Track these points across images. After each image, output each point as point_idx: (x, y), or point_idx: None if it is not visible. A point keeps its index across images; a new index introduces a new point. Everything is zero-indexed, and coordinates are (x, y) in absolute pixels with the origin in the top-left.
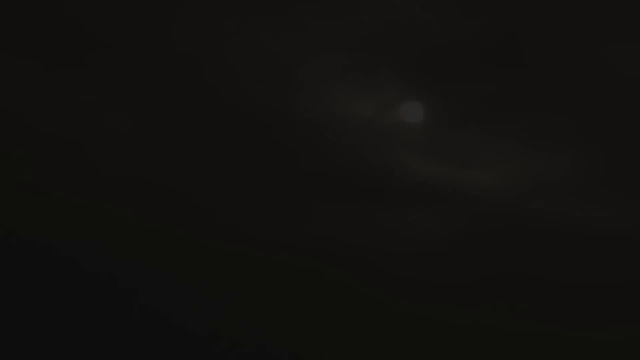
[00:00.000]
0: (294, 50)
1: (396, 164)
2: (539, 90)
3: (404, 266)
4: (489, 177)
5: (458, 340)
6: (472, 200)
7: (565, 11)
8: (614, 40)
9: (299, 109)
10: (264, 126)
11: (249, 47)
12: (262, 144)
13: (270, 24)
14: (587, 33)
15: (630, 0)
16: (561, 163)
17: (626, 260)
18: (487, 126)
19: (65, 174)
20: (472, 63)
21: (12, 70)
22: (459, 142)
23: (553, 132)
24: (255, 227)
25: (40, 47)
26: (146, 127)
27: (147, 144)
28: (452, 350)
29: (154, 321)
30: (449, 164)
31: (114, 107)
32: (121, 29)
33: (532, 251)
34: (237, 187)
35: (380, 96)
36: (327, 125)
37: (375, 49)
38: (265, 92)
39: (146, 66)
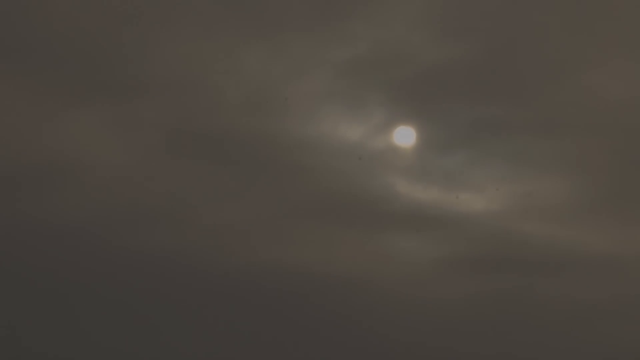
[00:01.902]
0: (276, 72)
1: (386, 188)
2: (525, 115)
3: (395, 285)
4: (478, 201)
5: (444, 352)
6: (462, 224)
7: (549, 39)
8: (595, 67)
9: (287, 133)
10: (249, 148)
11: (238, 72)
12: (251, 168)
13: (259, 49)
14: (570, 60)
15: (609, 28)
16: (551, 187)
17: (618, 280)
18: (476, 150)
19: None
20: (461, 87)
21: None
22: (449, 165)
23: (540, 156)
24: (246, 246)
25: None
26: (147, 152)
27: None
28: None
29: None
30: (439, 188)
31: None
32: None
33: (523, 273)
34: (228, 210)
35: (369, 120)
36: (313, 149)
37: (364, 73)
38: (249, 115)
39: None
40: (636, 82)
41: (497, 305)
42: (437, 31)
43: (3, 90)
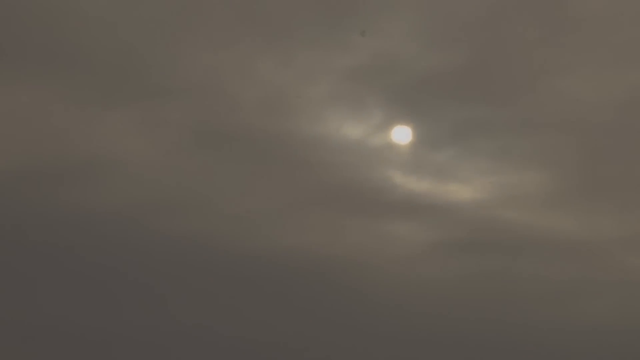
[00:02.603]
0: (286, 78)
1: (384, 180)
2: (506, 115)
3: (392, 266)
4: (466, 191)
5: (435, 326)
6: (452, 211)
7: (526, 49)
8: (566, 73)
9: (294, 131)
10: (264, 145)
11: (253, 78)
12: (265, 163)
13: (272, 58)
14: (544, 67)
15: (578, 39)
16: (530, 179)
17: (588, 262)
18: (465, 146)
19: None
20: (450, 90)
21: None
22: (439, 160)
23: (519, 152)
24: (261, 233)
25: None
26: (172, 148)
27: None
28: (431, 334)
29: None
30: (431, 180)
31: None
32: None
33: (505, 255)
34: (244, 201)
35: (369, 120)
36: (319, 145)
37: (364, 79)
38: (258, 116)
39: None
40: (602, 86)
41: (481, 282)
42: (428, 42)
43: (50, 96)
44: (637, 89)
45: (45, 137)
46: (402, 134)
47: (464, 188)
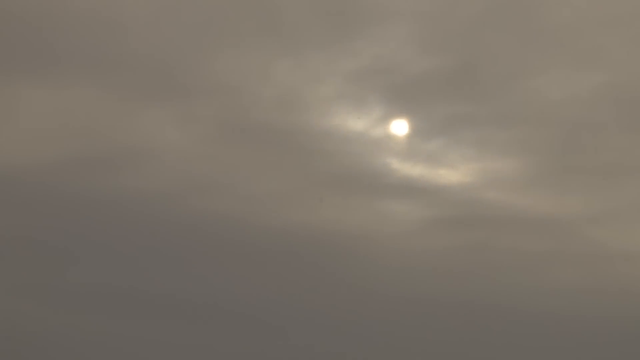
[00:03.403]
0: (300, 80)
1: (384, 166)
2: (488, 110)
3: (390, 240)
4: (454, 175)
5: (426, 290)
6: (441, 192)
7: (505, 53)
8: (539, 74)
9: (306, 125)
10: (277, 136)
11: (271, 79)
12: (281, 151)
13: (287, 62)
14: (521, 69)
15: (550, 44)
16: (508, 165)
17: (557, 235)
18: (452, 137)
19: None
20: (440, 89)
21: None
22: (431, 149)
23: (498, 142)
24: (278, 211)
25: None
26: (202, 139)
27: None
28: (423, 296)
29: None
30: (424, 166)
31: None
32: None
33: (486, 229)
34: (264, 183)
35: (370, 115)
36: (329, 137)
37: (366, 80)
38: (278, 112)
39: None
40: (568, 85)
41: (466, 253)
42: (421, 48)
43: (99, 95)
44: (598, 88)
45: (96, 130)
46: (399, 127)
47: (452, 173)
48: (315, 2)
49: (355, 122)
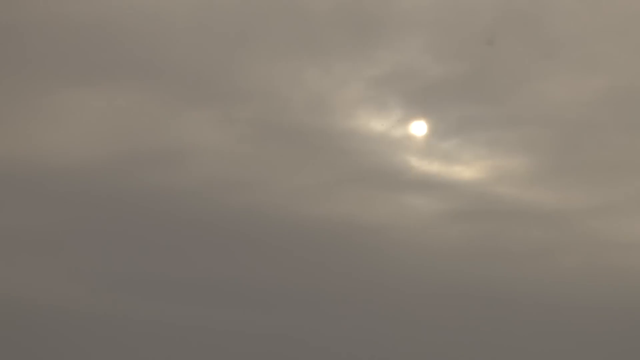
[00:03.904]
0: (328, 85)
1: (403, 163)
2: (499, 112)
3: (409, 230)
4: (467, 172)
5: (441, 276)
6: (456, 187)
7: (513, 60)
8: (545, 79)
9: (333, 126)
10: (308, 136)
11: (300, 85)
12: (310, 150)
13: (316, 69)
14: (528, 74)
15: (553, 51)
16: (516, 162)
17: (561, 226)
18: (466, 137)
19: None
20: (454, 93)
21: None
22: (446, 147)
23: (510, 141)
24: (308, 204)
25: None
26: (239, 139)
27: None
28: (438, 282)
29: None
30: (440, 163)
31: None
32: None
33: (497, 221)
34: (295, 179)
35: (391, 116)
36: (354, 137)
37: (387, 85)
38: (309, 114)
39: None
40: (572, 89)
41: (478, 242)
42: (437, 55)
43: (145, 98)
44: (598, 92)
45: (143, 131)
46: (417, 128)
47: (466, 169)
48: (341, 15)
49: (377, 123)
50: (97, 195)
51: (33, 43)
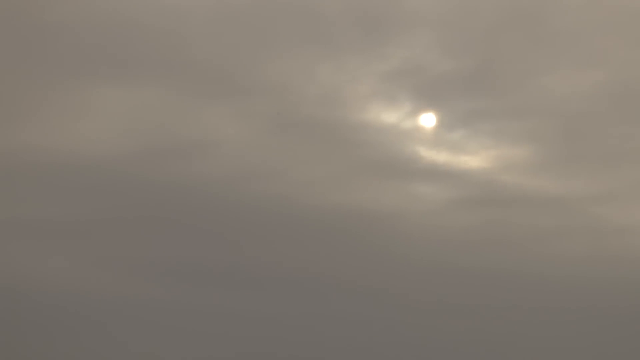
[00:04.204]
0: (341, 80)
1: (413, 153)
2: (504, 104)
3: (419, 217)
4: (473, 161)
5: (449, 259)
6: (463, 176)
7: (516, 55)
8: (549, 72)
9: (346, 119)
10: (322, 128)
11: (314, 80)
12: (324, 142)
13: (330, 64)
14: (532, 67)
15: (555, 47)
16: (520, 152)
17: (563, 212)
18: (472, 128)
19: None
20: (461, 87)
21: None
22: (454, 138)
23: (514, 132)
24: (323, 193)
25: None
26: (258, 132)
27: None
28: (446, 265)
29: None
30: (447, 153)
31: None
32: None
33: (502, 208)
34: (310, 169)
35: (401, 109)
36: (366, 129)
37: (398, 79)
38: (322, 108)
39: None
40: (573, 82)
41: (485, 229)
42: (444, 50)
43: (167, 93)
44: (597, 84)
45: (166, 124)
46: (426, 120)
47: (472, 159)
48: (353, 15)
49: (388, 116)
50: (124, 184)
51: (65, 43)
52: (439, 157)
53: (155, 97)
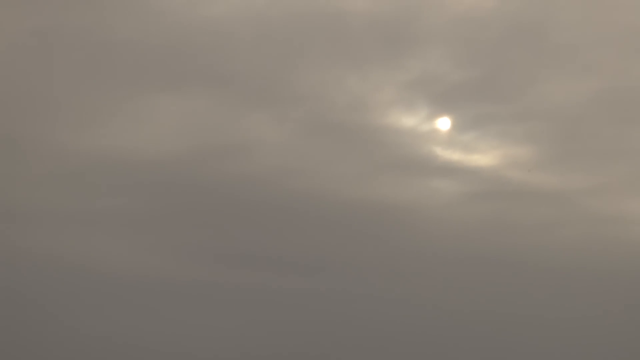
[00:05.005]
0: (366, 89)
1: (430, 152)
2: (509, 110)
3: (435, 208)
4: (483, 160)
5: (461, 245)
6: (474, 172)
7: (521, 64)
8: (548, 81)
9: (371, 123)
10: (350, 131)
11: (343, 89)
12: (352, 143)
13: (356, 75)
14: (533, 77)
15: (552, 58)
16: (524, 151)
17: (561, 204)
18: (481, 131)
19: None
20: (471, 94)
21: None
22: (466, 139)
23: (518, 134)
24: (350, 187)
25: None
26: (293, 134)
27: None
28: (459, 250)
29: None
30: (461, 152)
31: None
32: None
33: (507, 200)
34: (339, 167)
35: (420, 114)
36: (388, 131)
37: (415, 88)
38: (350, 113)
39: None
40: (570, 89)
41: (492, 218)
42: (456, 63)
43: (216, 102)
44: (591, 92)
45: (214, 128)
46: (441, 123)
47: (482, 157)
48: (376, 32)
49: (408, 120)
50: (180, 180)
51: (130, 61)
52: (453, 156)
53: (206, 106)
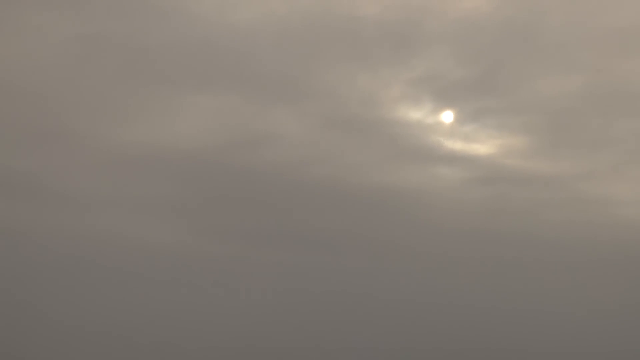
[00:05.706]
0: (377, 86)
1: (435, 143)
2: (506, 103)
3: (440, 192)
4: (482, 149)
5: (463, 226)
6: (474, 161)
7: (517, 62)
8: (542, 77)
9: (382, 116)
10: (363, 124)
11: (355, 86)
12: (365, 135)
13: (365, 74)
14: (528, 73)
15: (547, 56)
16: (522, 140)
17: (554, 188)
18: (481, 122)
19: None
20: (471, 90)
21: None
22: (467, 130)
23: (517, 124)
24: (365, 175)
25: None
26: (312, 127)
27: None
28: (460, 230)
29: None
30: (462, 142)
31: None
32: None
33: (505, 185)
34: (353, 156)
35: (425, 108)
36: (397, 124)
37: (420, 85)
38: (363, 108)
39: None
40: (562, 84)
41: (491, 203)
42: (458, 61)
43: (242, 98)
44: (581, 87)
45: (241, 122)
46: (445, 116)
47: (481, 147)
48: (385, 33)
49: (414, 113)
50: (211, 170)
51: (164, 61)
52: (455, 145)
53: (233, 102)
